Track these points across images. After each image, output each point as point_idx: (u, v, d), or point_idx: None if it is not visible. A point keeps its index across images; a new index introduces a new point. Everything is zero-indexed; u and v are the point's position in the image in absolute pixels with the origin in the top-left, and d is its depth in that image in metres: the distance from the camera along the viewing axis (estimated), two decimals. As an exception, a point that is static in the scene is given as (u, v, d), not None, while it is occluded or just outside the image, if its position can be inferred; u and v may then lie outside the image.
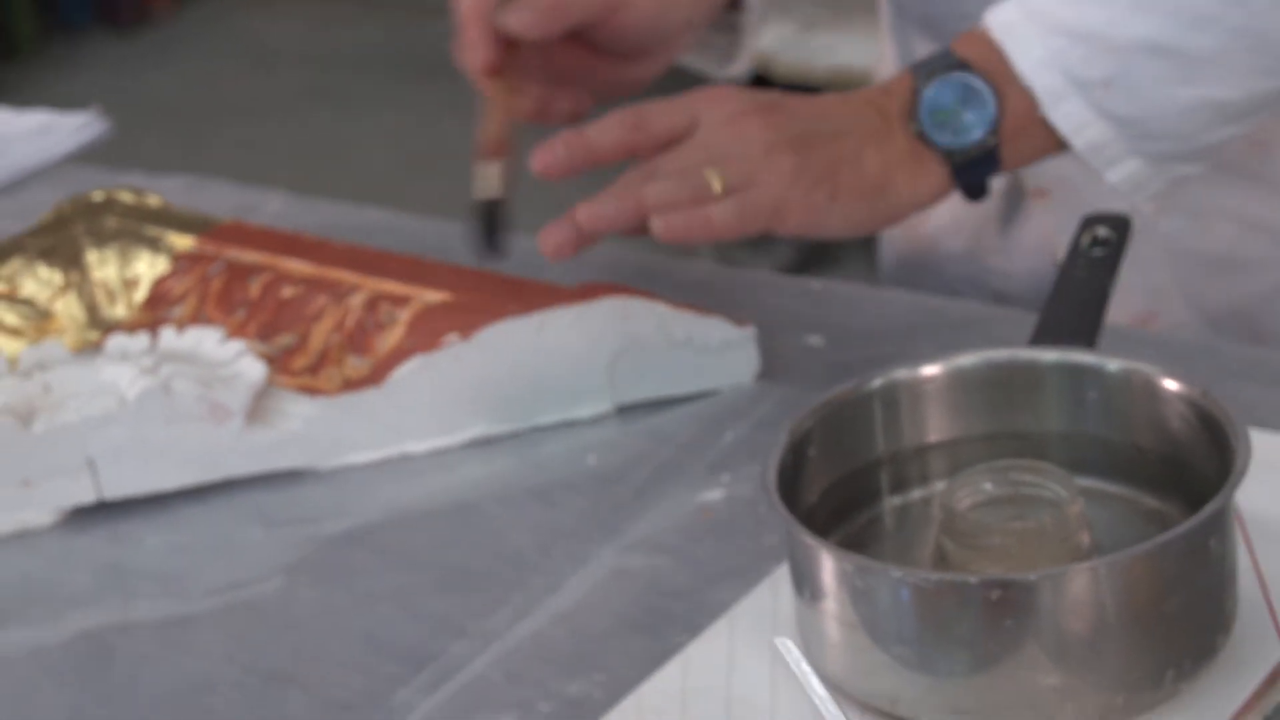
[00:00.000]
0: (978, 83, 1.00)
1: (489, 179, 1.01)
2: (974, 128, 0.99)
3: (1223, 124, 1.00)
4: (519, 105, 1.04)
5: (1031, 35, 0.99)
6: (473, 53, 1.03)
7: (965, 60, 1.00)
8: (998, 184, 1.14)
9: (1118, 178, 1.01)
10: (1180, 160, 1.01)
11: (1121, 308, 1.02)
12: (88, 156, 1.40)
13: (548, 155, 1.00)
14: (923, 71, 1.00)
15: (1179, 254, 1.14)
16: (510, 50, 1.03)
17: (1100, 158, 1.00)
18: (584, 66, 1.07)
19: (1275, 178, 1.10)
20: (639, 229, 0.99)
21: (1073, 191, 1.12)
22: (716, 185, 0.98)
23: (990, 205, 1.15)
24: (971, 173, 1.00)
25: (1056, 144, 1.01)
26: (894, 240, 1.24)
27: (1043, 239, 1.16)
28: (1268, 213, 1.11)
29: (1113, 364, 0.84)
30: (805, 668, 0.65)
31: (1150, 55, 0.98)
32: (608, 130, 1.00)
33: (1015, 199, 1.18)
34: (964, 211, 1.16)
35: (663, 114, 1.01)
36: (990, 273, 1.19)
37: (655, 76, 1.09)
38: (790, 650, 0.66)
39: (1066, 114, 1.00)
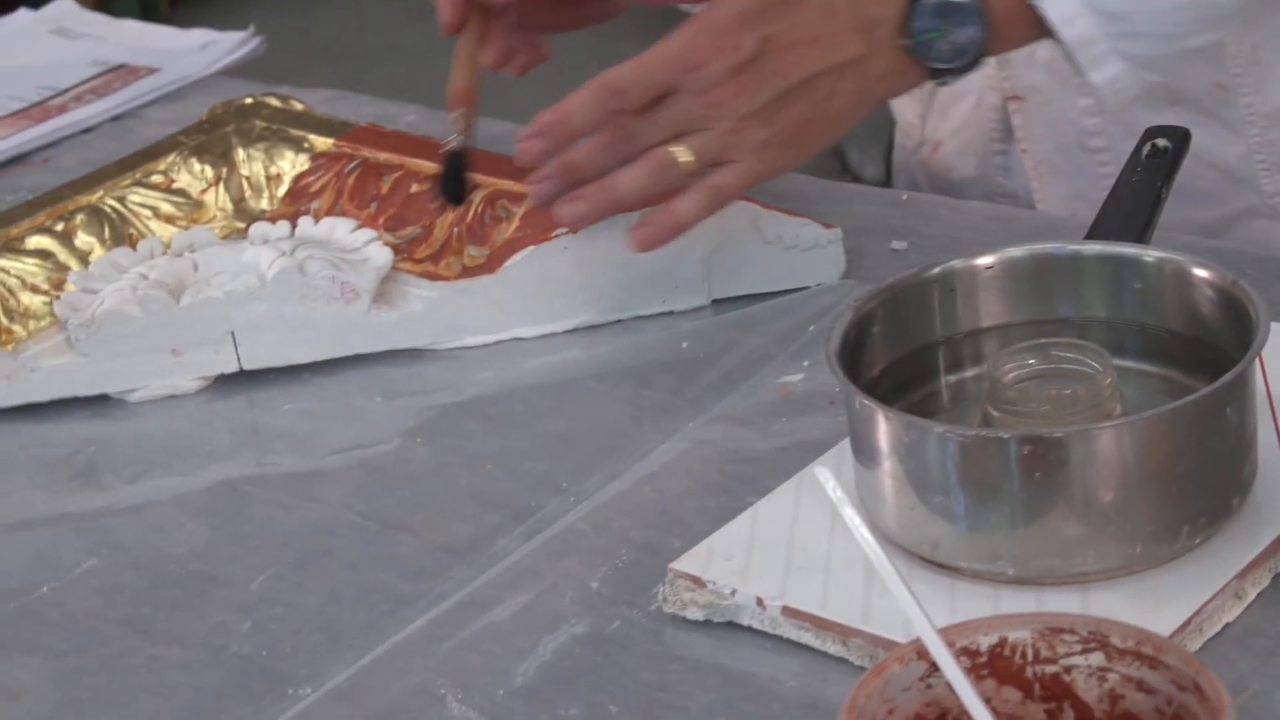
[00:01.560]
0: None
1: (454, 129, 1.08)
2: (965, 50, 1.03)
3: (1203, 28, 1.06)
4: (484, 56, 1.12)
5: None
6: (441, 12, 1.10)
7: None
8: (994, 100, 1.22)
9: (1101, 79, 1.06)
10: (1157, 65, 1.06)
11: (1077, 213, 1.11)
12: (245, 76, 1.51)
13: (531, 147, 1.05)
14: None
15: None
16: (477, 6, 1.10)
17: (1086, 55, 1.05)
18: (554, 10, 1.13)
19: (1231, 120, 1.17)
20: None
21: (1042, 102, 1.21)
22: (685, 160, 1.03)
23: (989, 124, 1.22)
24: (952, 76, 1.05)
25: (1044, 32, 1.06)
26: (909, 170, 1.31)
27: (1028, 165, 1.23)
28: (1221, 151, 1.18)
29: (1149, 255, 0.92)
30: (840, 494, 0.73)
31: None
32: (585, 109, 1.04)
33: (1007, 116, 1.25)
34: (970, 134, 1.24)
35: (639, 85, 1.03)
36: (998, 194, 1.26)
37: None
38: (827, 478, 0.74)
39: (1056, 4, 1.04)
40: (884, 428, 0.86)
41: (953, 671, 0.70)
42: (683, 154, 1.03)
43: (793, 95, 1.03)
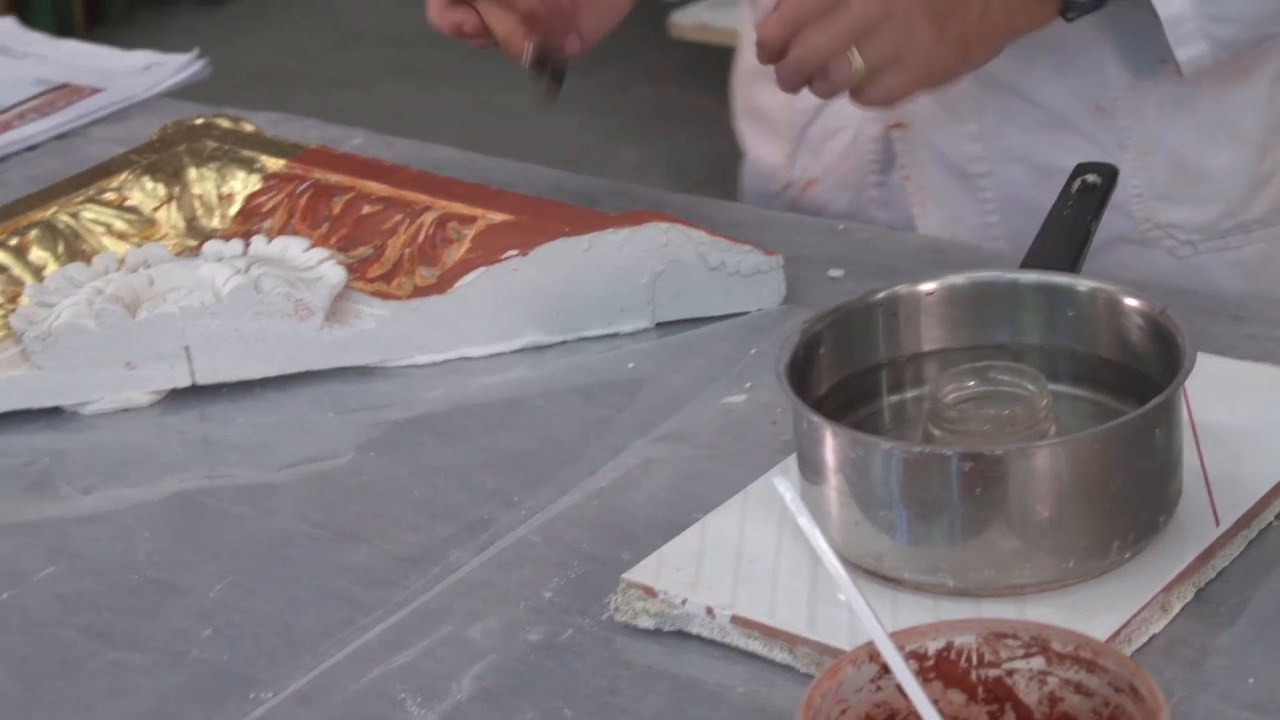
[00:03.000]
0: None
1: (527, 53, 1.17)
2: None
3: None
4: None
5: None
6: None
7: None
8: (875, 130, 1.29)
9: (1185, 57, 1.15)
10: (1237, 49, 1.15)
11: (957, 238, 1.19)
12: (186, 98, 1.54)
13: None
14: None
15: (1013, 199, 1.27)
16: None
17: (1176, 32, 1.14)
18: None
19: (1108, 145, 1.24)
20: None
21: (925, 128, 1.27)
22: (858, 64, 1.09)
23: (868, 156, 1.28)
24: (1078, 12, 1.13)
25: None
26: (765, 201, 1.37)
27: (910, 191, 1.29)
28: None
29: (1082, 284, 0.96)
30: (799, 504, 0.77)
31: None
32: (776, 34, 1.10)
33: (888, 146, 1.30)
34: (845, 168, 1.30)
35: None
36: (872, 225, 1.32)
37: None
38: (786, 488, 0.77)
39: None
40: (831, 444, 0.90)
41: (903, 674, 0.73)
42: (855, 56, 1.08)
43: (959, 8, 1.09)
